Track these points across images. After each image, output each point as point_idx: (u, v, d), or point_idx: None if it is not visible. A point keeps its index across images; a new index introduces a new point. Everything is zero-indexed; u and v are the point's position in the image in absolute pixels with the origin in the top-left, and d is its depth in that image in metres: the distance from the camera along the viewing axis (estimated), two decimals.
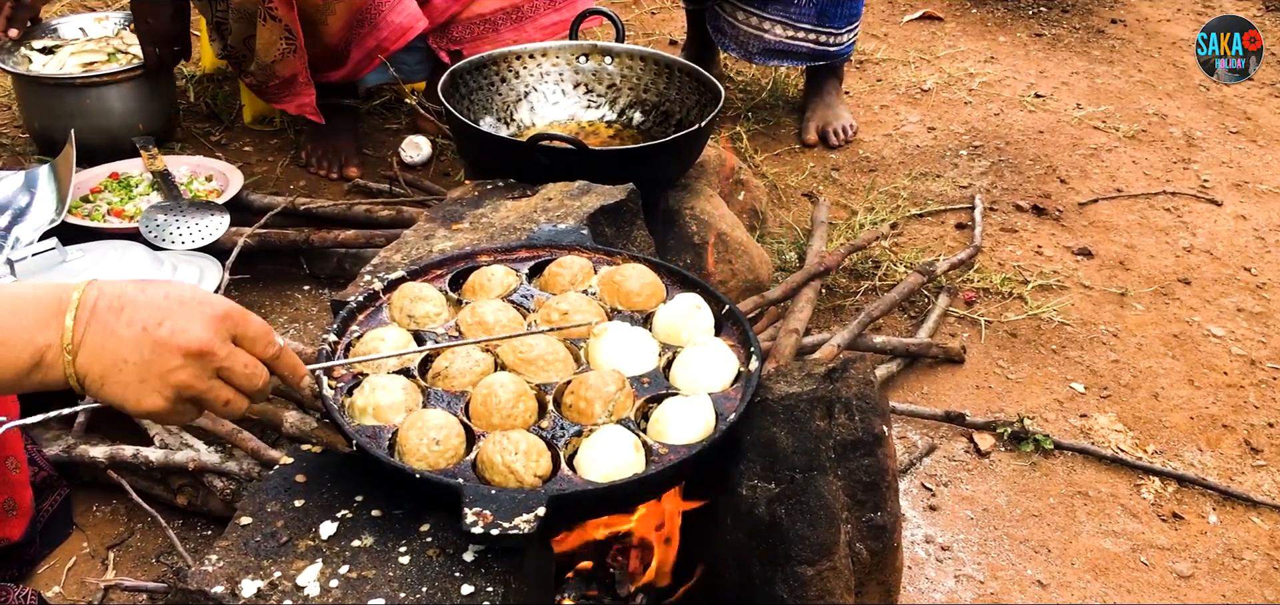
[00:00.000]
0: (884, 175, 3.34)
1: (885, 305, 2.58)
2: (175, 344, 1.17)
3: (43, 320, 1.15)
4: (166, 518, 1.94)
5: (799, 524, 1.57)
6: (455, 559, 1.41)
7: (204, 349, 1.18)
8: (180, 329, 1.17)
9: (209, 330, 1.19)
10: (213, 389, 1.21)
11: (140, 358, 1.16)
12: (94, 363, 1.16)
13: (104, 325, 1.16)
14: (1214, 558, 2.09)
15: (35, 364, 1.14)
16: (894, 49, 4.25)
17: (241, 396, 1.24)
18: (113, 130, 3.00)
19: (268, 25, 2.85)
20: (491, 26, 3.15)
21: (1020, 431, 2.31)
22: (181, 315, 1.18)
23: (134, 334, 1.16)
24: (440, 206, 2.32)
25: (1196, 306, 2.81)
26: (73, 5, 4.03)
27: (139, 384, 1.17)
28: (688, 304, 1.77)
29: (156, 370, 1.17)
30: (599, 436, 1.52)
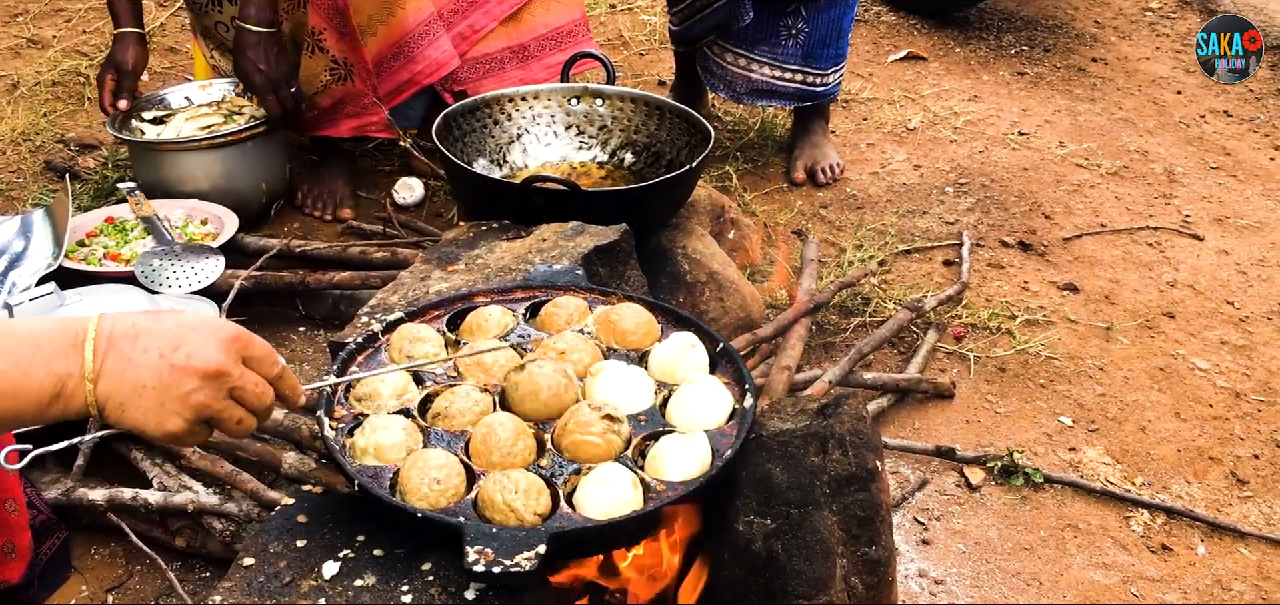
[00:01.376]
0: (871, 213, 3.38)
1: (875, 342, 2.61)
2: (192, 367, 1.21)
3: (62, 350, 1.17)
4: (165, 560, 1.94)
5: (795, 559, 1.59)
6: (457, 597, 1.43)
7: (219, 371, 1.22)
8: (195, 353, 1.21)
9: (222, 352, 1.23)
10: (227, 408, 1.25)
11: (159, 382, 1.20)
12: (114, 390, 1.19)
13: (121, 353, 1.19)
14: (1203, 588, 2.12)
15: (56, 394, 1.16)
16: (879, 88, 4.31)
17: (251, 416, 1.28)
18: (238, 191, 2.97)
19: (314, 57, 2.93)
20: (497, 65, 3.20)
21: (1010, 465, 2.34)
22: (194, 340, 1.22)
23: (152, 361, 1.20)
24: (435, 248, 2.35)
25: (1181, 340, 2.85)
26: (161, 78, 4.03)
27: (159, 408, 1.20)
28: (683, 343, 1.80)
29: (175, 394, 1.20)
30: (597, 474, 1.54)
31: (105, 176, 3.27)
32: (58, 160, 3.38)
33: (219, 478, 1.97)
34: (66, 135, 3.56)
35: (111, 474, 2.09)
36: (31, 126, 3.55)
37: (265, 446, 1.98)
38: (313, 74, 2.99)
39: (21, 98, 3.75)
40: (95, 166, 3.37)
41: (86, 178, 3.29)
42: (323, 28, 2.90)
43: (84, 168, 3.36)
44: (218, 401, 1.24)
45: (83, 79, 3.91)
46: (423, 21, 2.99)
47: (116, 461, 2.12)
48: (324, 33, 2.90)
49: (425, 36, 3.01)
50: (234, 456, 1.99)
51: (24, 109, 3.67)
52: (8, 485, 1.76)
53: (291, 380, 1.34)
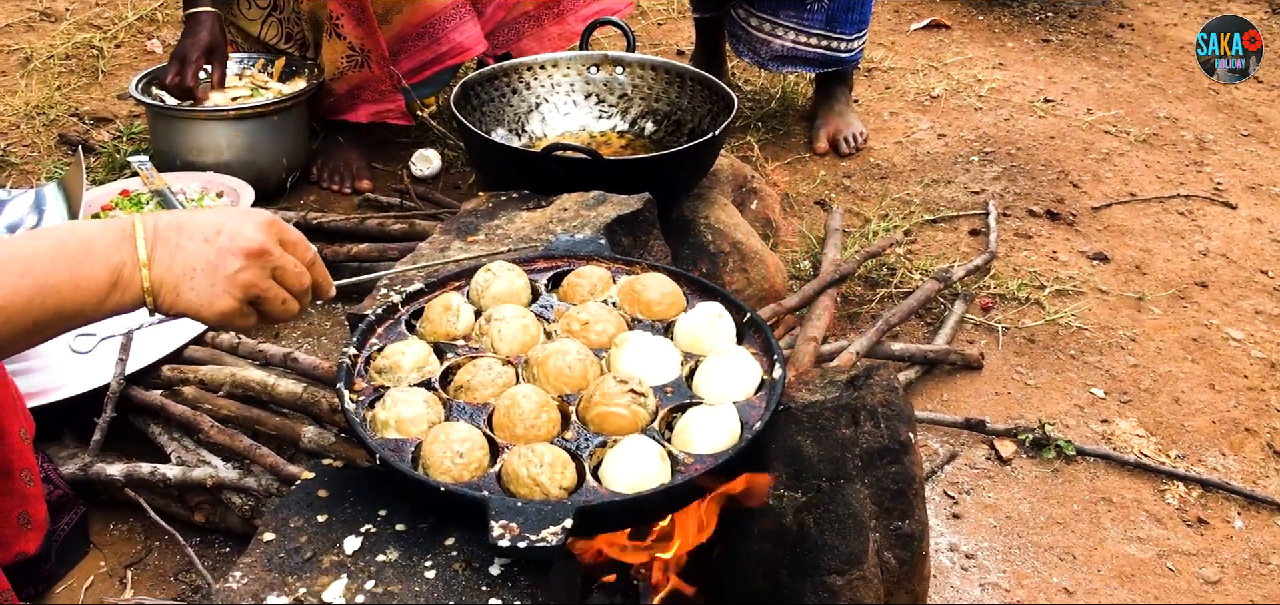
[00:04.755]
0: (896, 182, 3.32)
1: (902, 312, 2.56)
2: (236, 247, 1.28)
3: (114, 244, 1.24)
4: (184, 536, 1.92)
5: (828, 533, 1.55)
6: (481, 572, 1.40)
7: (261, 248, 1.30)
8: (237, 233, 1.29)
9: (261, 232, 1.31)
10: (271, 288, 1.33)
11: (207, 263, 1.27)
12: (166, 275, 1.26)
13: (169, 241, 1.27)
14: (1241, 562, 2.07)
15: (113, 283, 1.23)
16: (902, 57, 4.24)
17: (294, 298, 1.37)
18: (259, 164, 2.94)
19: (332, 42, 2.91)
20: (535, 22, 3.18)
21: (1041, 438, 2.29)
22: (234, 224, 1.30)
23: (197, 245, 1.28)
24: (454, 218, 2.31)
25: (1214, 310, 2.79)
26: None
27: (209, 288, 1.28)
28: (709, 313, 1.75)
29: (223, 272, 1.28)
30: (624, 447, 1.50)
31: (119, 149, 3.24)
32: (71, 134, 3.35)
33: (238, 452, 1.94)
34: (80, 109, 3.53)
35: (129, 449, 2.07)
36: (45, 100, 3.52)
37: (285, 421, 1.95)
38: (331, 59, 2.97)
39: (35, 71, 3.72)
40: (109, 140, 3.34)
41: (100, 151, 3.26)
42: (340, 13, 2.87)
43: (98, 141, 3.33)
44: (263, 280, 1.31)
45: (96, 52, 3.88)
46: (450, 4, 2.96)
47: (134, 437, 2.09)
48: (341, 18, 2.88)
49: (451, 19, 2.98)
50: (253, 431, 1.96)
51: (37, 83, 3.64)
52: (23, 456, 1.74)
53: (322, 267, 1.43)
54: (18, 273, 1.18)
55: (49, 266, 1.20)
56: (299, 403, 1.94)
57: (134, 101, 3.11)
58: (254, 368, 2.08)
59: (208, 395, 2.01)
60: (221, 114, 2.90)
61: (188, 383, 2.05)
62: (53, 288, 1.19)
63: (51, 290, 1.19)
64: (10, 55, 3.85)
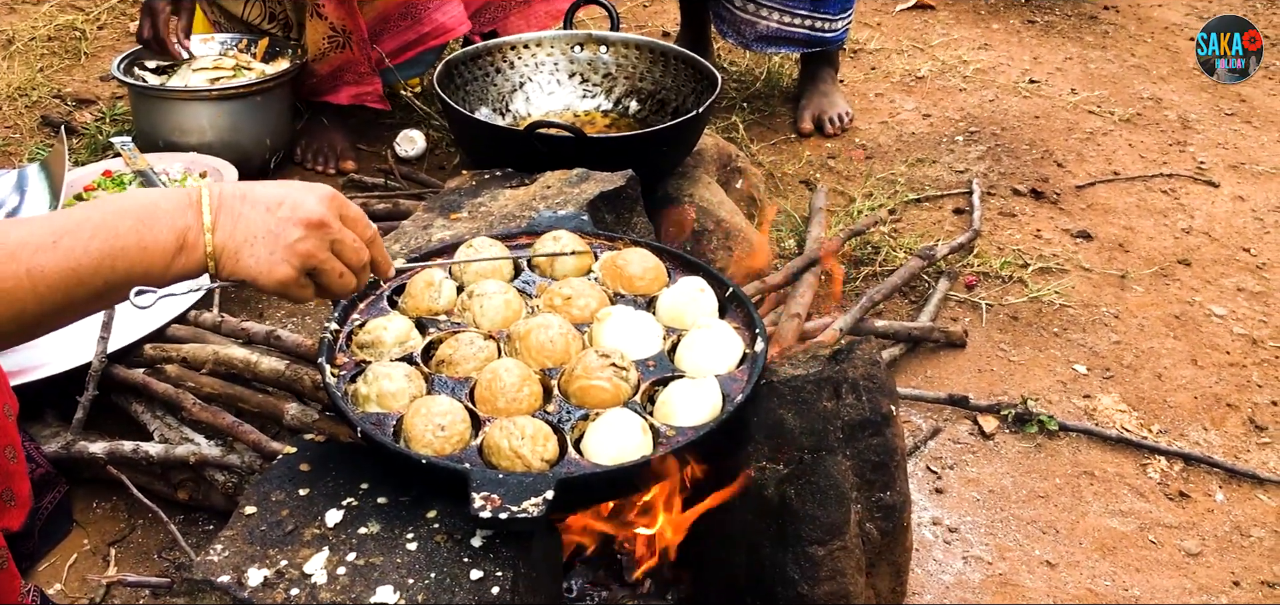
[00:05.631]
0: (881, 162, 3.33)
1: (886, 290, 2.57)
2: (298, 218, 1.31)
3: (179, 209, 1.28)
4: (168, 513, 1.91)
5: (809, 504, 1.56)
6: (463, 545, 1.40)
7: (322, 220, 1.33)
8: (299, 204, 1.32)
9: (323, 205, 1.34)
10: (329, 261, 1.35)
11: (268, 232, 1.30)
12: (229, 240, 1.29)
13: (232, 209, 1.30)
14: (1222, 535, 2.08)
15: (179, 247, 1.27)
16: (888, 38, 4.24)
17: (351, 272, 1.38)
18: (242, 145, 2.92)
19: (314, 23, 2.90)
20: (521, 1, 3.17)
21: (1024, 413, 2.30)
22: (297, 195, 1.33)
23: (259, 214, 1.31)
24: (438, 197, 2.30)
25: (1197, 287, 2.80)
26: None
27: (269, 256, 1.31)
28: (691, 287, 1.76)
29: (284, 241, 1.31)
30: (605, 420, 1.51)
31: (102, 131, 3.23)
32: (54, 115, 3.33)
33: (221, 429, 1.94)
34: (63, 90, 3.51)
35: (112, 427, 2.06)
36: (27, 82, 3.50)
37: (268, 398, 1.95)
38: (313, 40, 2.96)
39: (17, 53, 3.69)
40: (92, 121, 3.32)
41: (83, 132, 3.24)
42: None
43: (81, 122, 3.31)
44: (321, 252, 1.34)
45: (79, 33, 3.86)
46: None
47: (117, 415, 2.08)
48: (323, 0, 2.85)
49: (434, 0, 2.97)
50: (236, 408, 1.96)
51: (20, 64, 3.62)
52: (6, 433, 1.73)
53: (381, 246, 1.44)
54: (88, 236, 1.21)
55: (119, 229, 1.23)
56: (282, 380, 1.94)
57: (116, 82, 3.09)
58: (237, 346, 2.07)
59: (190, 373, 2.01)
60: (204, 94, 2.89)
61: (170, 361, 2.04)
62: (122, 250, 1.23)
63: (120, 252, 1.23)
64: None
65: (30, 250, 1.18)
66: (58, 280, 1.19)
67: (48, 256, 1.18)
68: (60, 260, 1.19)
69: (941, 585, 1.94)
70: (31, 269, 1.17)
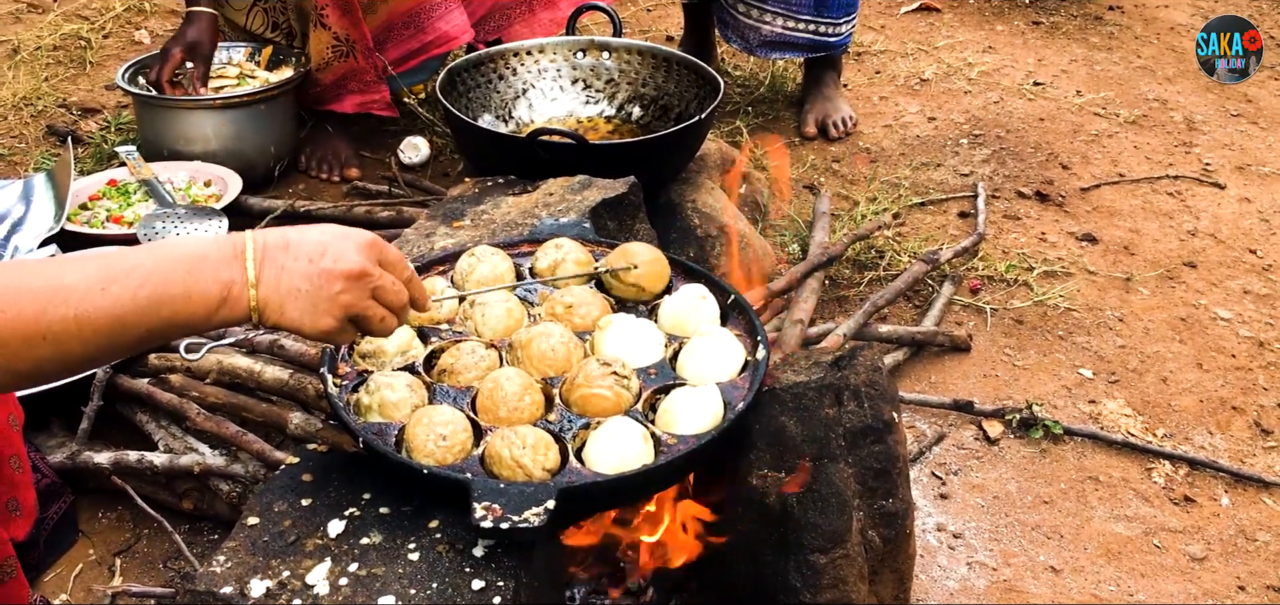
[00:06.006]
0: (885, 166, 3.32)
1: (890, 295, 2.56)
2: (338, 271, 1.33)
3: (225, 261, 1.29)
4: (172, 523, 1.92)
5: (811, 512, 1.55)
6: (465, 554, 1.40)
7: (362, 272, 1.35)
8: (341, 256, 1.34)
9: (362, 255, 1.35)
10: (370, 307, 1.38)
11: (311, 285, 1.33)
12: (273, 295, 1.31)
13: (276, 262, 1.32)
14: (1227, 539, 2.08)
15: (223, 299, 1.29)
16: (892, 40, 4.23)
17: (392, 314, 1.41)
18: (247, 153, 2.93)
19: (318, 33, 2.92)
20: (525, 9, 3.17)
21: (1029, 418, 2.29)
22: (337, 246, 1.34)
23: (302, 267, 1.33)
24: (440, 204, 2.31)
25: (1202, 290, 2.79)
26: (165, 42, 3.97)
27: (313, 308, 1.33)
28: (693, 294, 1.76)
29: (326, 295, 1.33)
30: (607, 429, 1.51)
31: (107, 140, 3.24)
32: (60, 125, 3.34)
33: (225, 439, 1.94)
34: (68, 100, 3.52)
35: (117, 437, 2.07)
36: (33, 91, 3.51)
37: (271, 407, 1.95)
38: (317, 49, 2.97)
39: (22, 63, 3.71)
40: (97, 130, 3.33)
41: (88, 141, 3.25)
42: (325, 4, 2.86)
43: (86, 132, 3.32)
44: (362, 301, 1.36)
45: (84, 43, 3.87)
46: None
47: (121, 424, 2.09)
48: (326, 9, 2.87)
49: (437, 8, 2.98)
50: (240, 418, 1.96)
51: (25, 74, 3.63)
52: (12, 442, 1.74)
53: (419, 284, 1.47)
54: (137, 283, 1.23)
55: (167, 278, 1.25)
56: (285, 389, 1.94)
57: (121, 92, 3.10)
58: (241, 355, 2.07)
59: (194, 383, 2.01)
60: (209, 103, 2.89)
61: (174, 370, 2.05)
62: (167, 299, 1.25)
63: (166, 301, 1.25)
64: None
65: (80, 295, 1.20)
66: (104, 325, 1.21)
67: (96, 301, 1.20)
68: (108, 305, 1.21)
69: (946, 591, 1.94)
70: (80, 314, 1.20)
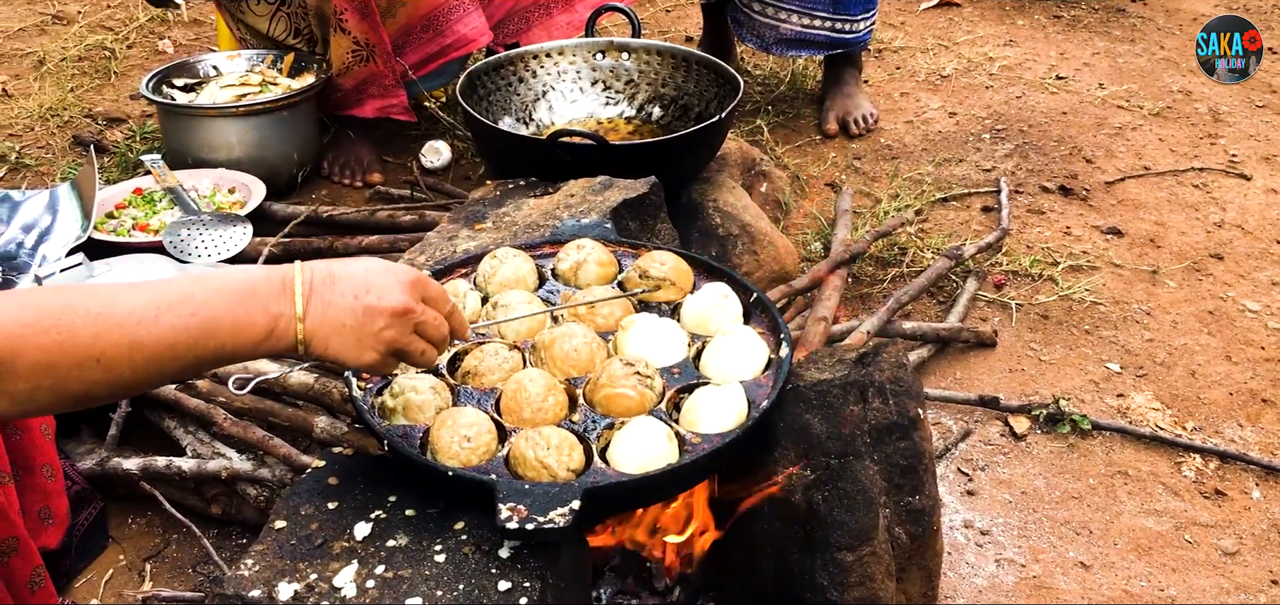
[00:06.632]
0: (907, 162, 3.31)
1: (914, 291, 2.55)
2: (383, 307, 1.36)
3: (274, 295, 1.32)
4: (201, 528, 1.93)
5: (837, 510, 1.55)
6: (491, 556, 1.40)
7: (406, 309, 1.38)
8: (385, 294, 1.37)
9: (406, 293, 1.38)
10: (412, 342, 1.40)
11: (356, 321, 1.35)
12: (319, 329, 1.34)
13: (323, 297, 1.34)
14: (1259, 534, 2.05)
15: (270, 331, 1.31)
16: (912, 37, 4.21)
17: (432, 348, 1.44)
18: (270, 160, 2.94)
19: (338, 37, 2.93)
20: (543, 11, 3.18)
21: (1056, 413, 2.28)
22: (382, 283, 1.37)
23: (348, 302, 1.35)
24: (462, 207, 2.31)
25: (1230, 282, 2.76)
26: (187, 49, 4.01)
27: (357, 343, 1.36)
28: (716, 293, 1.75)
29: (370, 330, 1.36)
30: (631, 428, 1.51)
31: (132, 149, 3.27)
32: (85, 134, 3.38)
33: (252, 443, 1.95)
34: (93, 110, 3.55)
35: (145, 443, 2.08)
36: (58, 102, 3.55)
37: (297, 412, 1.96)
38: (338, 54, 2.98)
39: (48, 74, 3.75)
40: (122, 139, 3.36)
41: (113, 151, 3.28)
42: (344, 8, 2.87)
43: (111, 141, 3.35)
44: (404, 336, 1.39)
45: (108, 53, 3.91)
46: None
47: (149, 430, 2.11)
48: (345, 13, 2.88)
49: (455, 11, 2.99)
50: (266, 422, 1.97)
51: (51, 85, 3.67)
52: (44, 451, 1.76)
53: (460, 316, 1.50)
54: (189, 313, 1.25)
55: (217, 309, 1.28)
56: (311, 394, 1.95)
57: (146, 101, 3.13)
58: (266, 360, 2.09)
59: (221, 388, 2.03)
60: (232, 110, 2.91)
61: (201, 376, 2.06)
62: (217, 330, 1.27)
63: (215, 332, 1.27)
64: (24, 58, 3.89)
65: (134, 322, 1.22)
66: (155, 351, 1.24)
67: (150, 330, 1.23)
68: (161, 333, 1.23)
69: (974, 589, 1.92)
70: (134, 341, 1.22)
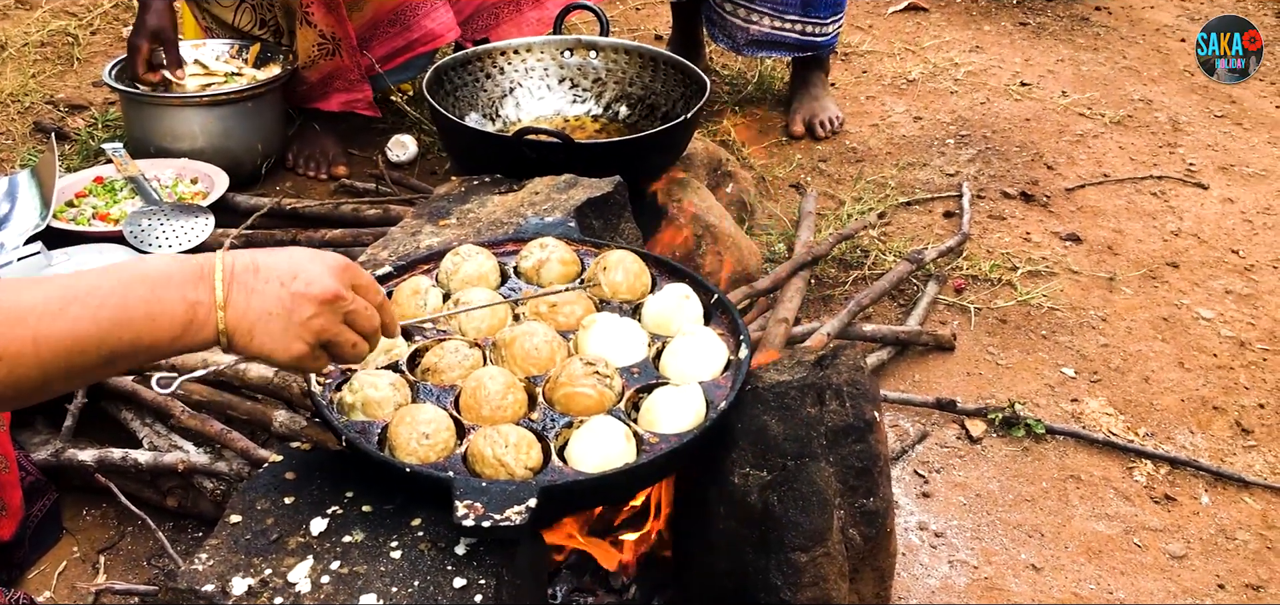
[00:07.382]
0: (871, 165, 3.34)
1: (874, 294, 2.57)
2: (310, 294, 1.29)
3: (191, 282, 1.24)
4: (156, 521, 1.92)
5: (792, 511, 1.56)
6: (447, 552, 1.41)
7: (335, 295, 1.31)
8: (313, 280, 1.29)
9: (335, 279, 1.31)
10: (342, 332, 1.34)
11: (283, 310, 1.28)
12: (242, 319, 1.27)
13: (245, 285, 1.27)
14: (1207, 538, 2.09)
15: (188, 322, 1.23)
16: (879, 40, 4.25)
17: (364, 340, 1.37)
18: (234, 151, 2.92)
19: (304, 30, 2.92)
20: (513, 7, 3.17)
21: (1011, 417, 2.31)
22: (309, 269, 1.30)
23: (273, 290, 1.28)
24: (427, 203, 2.31)
25: (1185, 289, 2.81)
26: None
27: (283, 333, 1.29)
28: (676, 294, 1.77)
29: (297, 319, 1.29)
30: (589, 428, 1.52)
31: (94, 137, 3.23)
32: (47, 121, 3.34)
33: (209, 437, 1.94)
34: (55, 96, 3.52)
35: (101, 435, 2.07)
36: (20, 88, 3.50)
37: (256, 405, 1.96)
38: (304, 47, 2.97)
39: (10, 59, 3.70)
40: (84, 127, 3.33)
41: (75, 138, 3.25)
42: (309, 1, 2.86)
43: (73, 128, 3.32)
44: (334, 326, 1.32)
45: (71, 39, 3.87)
46: None
47: (106, 421, 2.09)
48: (311, 6, 2.86)
49: (423, 5, 2.98)
50: (224, 415, 1.96)
51: (12, 70, 3.63)
52: None
53: (391, 309, 1.43)
54: (97, 304, 1.18)
55: (128, 298, 1.20)
56: (270, 387, 1.95)
57: (109, 88, 3.10)
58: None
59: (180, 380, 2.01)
60: (196, 100, 2.89)
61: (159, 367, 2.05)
62: (129, 320, 1.19)
63: (128, 323, 1.19)
64: None
65: (37, 315, 1.14)
66: (62, 347, 1.16)
67: (54, 324, 1.15)
68: (67, 327, 1.15)
69: (927, 589, 1.95)
70: (38, 335, 1.14)
